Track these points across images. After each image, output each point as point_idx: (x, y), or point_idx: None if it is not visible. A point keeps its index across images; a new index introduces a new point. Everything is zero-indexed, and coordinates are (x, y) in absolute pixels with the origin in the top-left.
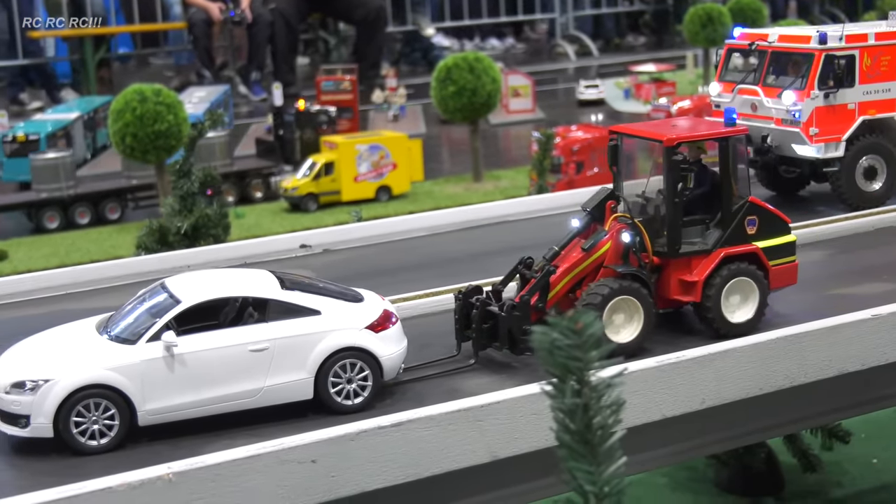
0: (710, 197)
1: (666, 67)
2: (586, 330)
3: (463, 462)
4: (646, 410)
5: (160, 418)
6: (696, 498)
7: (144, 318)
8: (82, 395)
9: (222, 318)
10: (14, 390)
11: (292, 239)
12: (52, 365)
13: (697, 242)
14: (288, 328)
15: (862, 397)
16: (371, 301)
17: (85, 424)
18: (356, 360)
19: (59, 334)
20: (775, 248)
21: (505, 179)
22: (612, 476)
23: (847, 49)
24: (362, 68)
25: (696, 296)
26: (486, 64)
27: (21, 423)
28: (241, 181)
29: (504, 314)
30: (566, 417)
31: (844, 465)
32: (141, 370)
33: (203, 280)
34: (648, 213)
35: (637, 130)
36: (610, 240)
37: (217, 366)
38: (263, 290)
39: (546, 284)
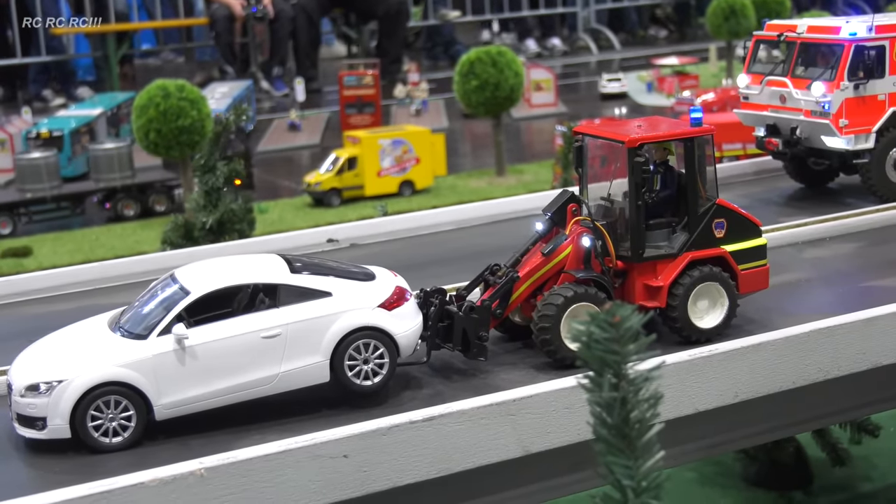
0: (676, 199)
1: (689, 60)
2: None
3: (495, 457)
4: (678, 404)
5: (177, 412)
6: (725, 492)
7: (155, 312)
8: (97, 394)
9: (233, 305)
10: (29, 393)
11: (319, 233)
12: (64, 365)
13: (663, 246)
14: (299, 312)
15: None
16: (383, 278)
17: (102, 422)
18: (371, 340)
19: (70, 333)
20: (745, 251)
21: (528, 173)
22: (650, 470)
23: (877, 40)
24: (384, 63)
25: (661, 301)
26: (508, 58)
27: (38, 426)
28: (142, 194)
29: (461, 315)
30: (603, 411)
31: (873, 458)
32: (154, 364)
33: (212, 269)
34: (613, 215)
35: (600, 131)
36: (570, 244)
37: (230, 355)
38: (272, 275)
39: (508, 291)
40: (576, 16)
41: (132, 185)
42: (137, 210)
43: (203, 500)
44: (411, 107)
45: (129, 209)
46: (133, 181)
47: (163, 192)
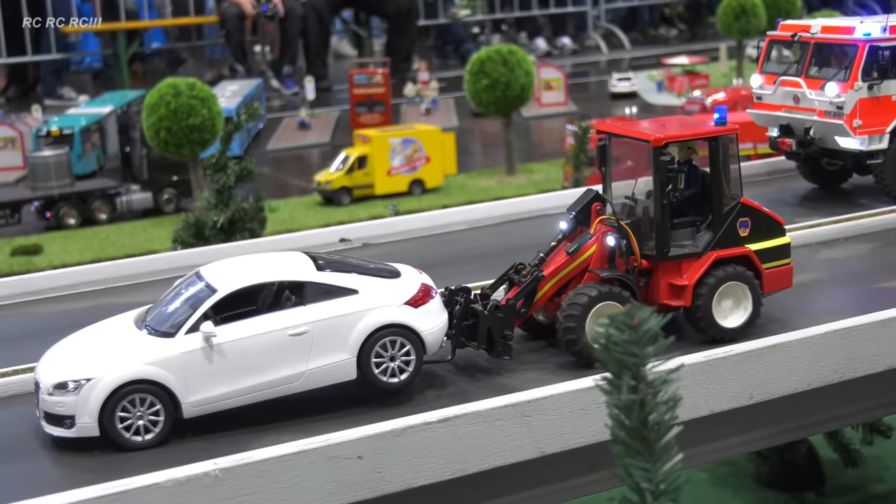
0: (700, 198)
1: (699, 60)
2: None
3: (510, 458)
4: (693, 406)
5: (204, 409)
6: (737, 493)
7: (182, 310)
8: (125, 392)
9: (260, 303)
10: (57, 391)
11: (331, 233)
12: (92, 363)
13: (688, 245)
14: (326, 310)
15: None
16: (408, 276)
17: (130, 420)
18: (397, 337)
19: (97, 331)
20: (769, 250)
21: (538, 173)
22: (669, 473)
23: (891, 40)
24: (394, 62)
25: (686, 300)
26: (519, 57)
27: (66, 424)
28: (83, 202)
29: (486, 313)
30: (622, 413)
31: (885, 460)
32: (182, 362)
33: (238, 267)
34: (637, 215)
35: (625, 130)
36: (595, 243)
37: (258, 353)
38: (299, 272)
39: (533, 289)
40: (586, 15)
41: (72, 194)
42: (79, 219)
43: (218, 500)
44: (421, 105)
45: (70, 217)
46: (72, 189)
47: (104, 199)
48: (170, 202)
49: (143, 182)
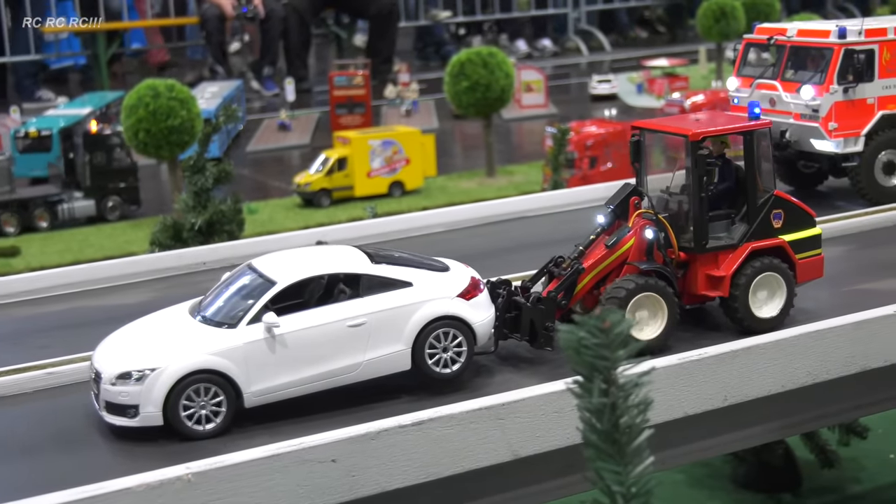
0: (734, 191)
1: (679, 62)
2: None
3: (484, 461)
4: (668, 408)
5: (265, 399)
6: (713, 494)
7: (240, 301)
8: (189, 381)
9: (315, 295)
10: (120, 381)
11: (309, 235)
12: (156, 354)
13: (723, 237)
14: (383, 301)
15: (885, 394)
16: (457, 269)
17: (193, 410)
18: (450, 329)
19: (153, 323)
20: (801, 241)
21: (518, 174)
22: (640, 476)
23: (866, 43)
24: (375, 63)
25: (724, 291)
26: (499, 59)
27: (130, 413)
28: (24, 210)
29: (529, 306)
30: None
31: (862, 460)
32: (244, 352)
33: (292, 259)
34: (672, 208)
35: (660, 125)
36: (633, 236)
37: (317, 343)
38: (355, 265)
39: (573, 282)
40: (566, 17)
41: (12, 201)
42: (18, 227)
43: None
44: (402, 107)
45: (8, 226)
46: (12, 196)
47: (45, 207)
48: (114, 210)
49: (86, 189)
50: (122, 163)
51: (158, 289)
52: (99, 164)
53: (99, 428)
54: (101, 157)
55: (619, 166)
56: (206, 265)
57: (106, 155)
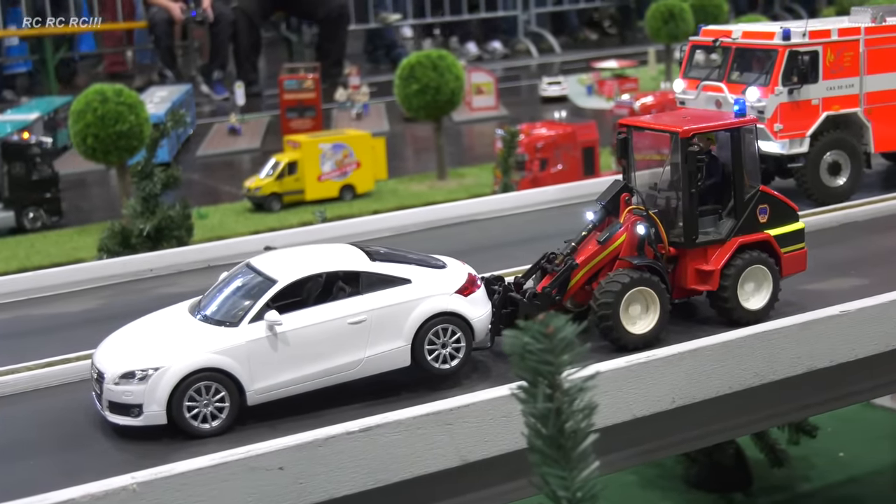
0: (720, 187)
1: (628, 64)
2: (558, 334)
3: (433, 466)
4: (616, 411)
5: (267, 397)
6: (665, 494)
7: (241, 300)
8: (193, 380)
9: (314, 293)
10: (123, 381)
11: (257, 241)
12: (159, 353)
13: (711, 232)
14: (383, 298)
15: (831, 394)
16: (454, 266)
17: (197, 409)
18: (448, 325)
19: (153, 322)
20: (786, 235)
21: (469, 177)
22: (586, 480)
23: (810, 45)
24: (325, 66)
25: (713, 284)
26: (449, 61)
27: (134, 413)
28: None
29: (525, 301)
30: (538, 422)
31: (811, 459)
32: (247, 351)
33: (291, 258)
34: (660, 204)
35: (648, 123)
36: (625, 232)
37: (319, 341)
38: (354, 263)
39: (567, 278)
40: (516, 19)
41: None
42: None
43: None
44: (352, 110)
45: None
46: None
47: None
48: (36, 220)
49: (5, 200)
50: (43, 174)
51: (105, 296)
52: (18, 175)
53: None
54: (21, 167)
55: (570, 168)
56: (153, 272)
57: (26, 166)
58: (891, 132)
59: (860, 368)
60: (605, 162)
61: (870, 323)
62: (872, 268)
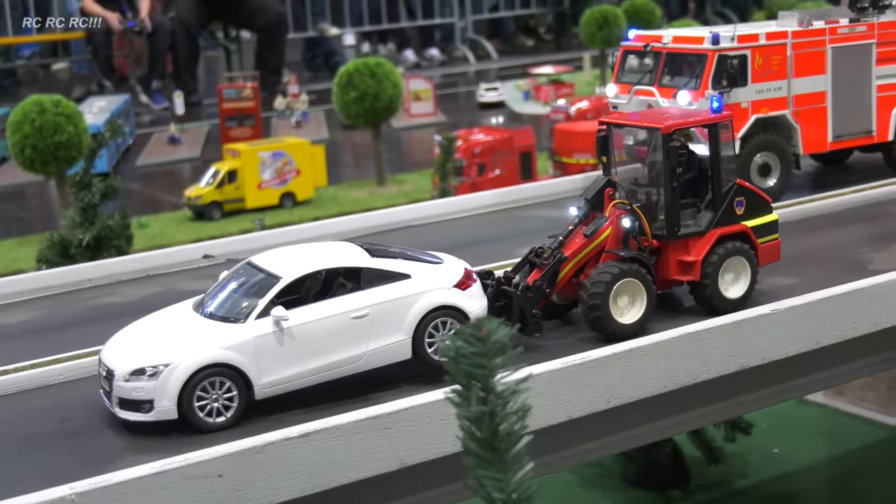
0: (697, 181)
1: (564, 69)
2: (490, 337)
3: (371, 470)
4: (552, 412)
5: (274, 391)
6: (605, 493)
7: (246, 297)
8: (203, 376)
9: (316, 289)
10: (133, 378)
11: (196, 249)
12: (168, 350)
13: (691, 224)
14: (384, 293)
15: (764, 391)
16: (451, 262)
17: (206, 403)
18: (447, 318)
19: (159, 320)
20: (761, 226)
21: (409, 183)
22: (520, 482)
23: (739, 49)
24: (264, 75)
25: (695, 275)
26: (386, 69)
27: (144, 409)
28: None
29: (519, 294)
30: (472, 425)
31: (747, 455)
32: (255, 346)
33: (293, 255)
34: (640, 199)
35: (628, 120)
36: (610, 225)
37: (324, 335)
38: (355, 259)
39: (556, 271)
40: (453, 27)
41: None
42: None
43: None
44: (292, 118)
45: None
46: None
47: None
48: None
49: None
50: None
51: (43, 307)
52: None
53: None
54: None
55: (508, 173)
56: (91, 282)
57: None
58: (819, 134)
59: (792, 366)
60: (542, 166)
61: (800, 321)
62: (802, 267)
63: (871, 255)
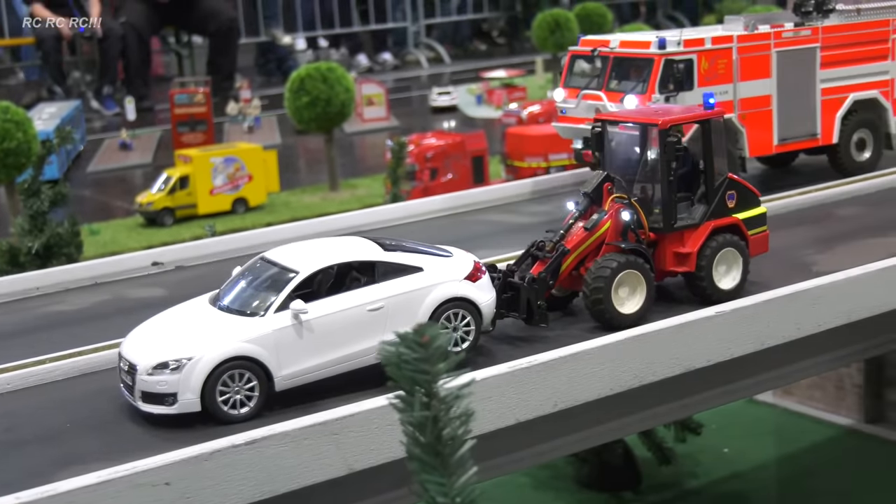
0: (689, 175)
1: (516, 73)
2: (433, 343)
3: (320, 476)
4: (500, 416)
5: (294, 382)
6: (558, 495)
7: (263, 291)
8: (225, 368)
9: (330, 283)
10: (157, 371)
11: (145, 257)
12: (191, 343)
13: (685, 217)
14: (398, 286)
15: (710, 393)
16: (460, 255)
17: (228, 395)
18: (459, 310)
19: (176, 315)
20: (751, 219)
21: (362, 188)
22: (464, 486)
23: (685, 53)
24: (216, 80)
25: (690, 266)
26: (338, 74)
27: (168, 402)
28: None
29: (525, 286)
30: (416, 430)
31: (697, 456)
32: (275, 339)
33: (308, 250)
34: (636, 193)
35: (624, 117)
36: (610, 219)
37: (341, 327)
38: (370, 253)
39: (559, 264)
40: (406, 31)
41: None
42: None
43: None
44: (244, 124)
45: None
46: None
47: None
48: None
49: None
50: None
51: None
52: None
53: None
54: None
55: (460, 177)
56: (39, 290)
57: None
58: (765, 137)
59: (737, 367)
60: (495, 170)
61: (744, 323)
62: None
63: (816, 257)
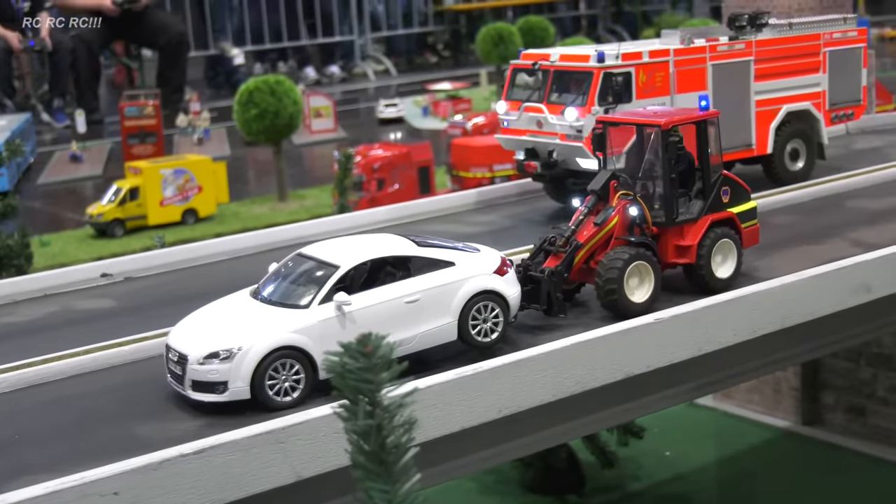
0: (686, 172)
1: (461, 85)
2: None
3: (268, 484)
4: (444, 423)
5: None
6: (504, 499)
7: (305, 285)
8: (274, 357)
9: (365, 276)
10: (208, 361)
11: (94, 268)
12: (240, 334)
13: (684, 212)
14: (433, 280)
15: (651, 398)
16: (487, 251)
17: (276, 384)
18: (489, 302)
19: (221, 308)
20: (744, 213)
21: (310, 198)
22: (408, 493)
23: (623, 66)
24: (166, 93)
25: (691, 257)
26: (286, 86)
27: (219, 390)
28: None
29: (547, 278)
30: (360, 438)
31: (640, 459)
32: (319, 329)
33: (344, 246)
34: (638, 190)
35: (627, 119)
36: (617, 214)
37: (381, 319)
38: (405, 249)
39: (573, 258)
40: (353, 44)
41: None
42: None
43: None
44: (194, 136)
45: None
46: None
47: None
48: None
49: None
50: None
51: None
52: None
53: None
54: None
55: (406, 187)
56: None
57: None
58: None
59: (677, 372)
60: (441, 180)
61: (683, 329)
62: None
63: (754, 264)
